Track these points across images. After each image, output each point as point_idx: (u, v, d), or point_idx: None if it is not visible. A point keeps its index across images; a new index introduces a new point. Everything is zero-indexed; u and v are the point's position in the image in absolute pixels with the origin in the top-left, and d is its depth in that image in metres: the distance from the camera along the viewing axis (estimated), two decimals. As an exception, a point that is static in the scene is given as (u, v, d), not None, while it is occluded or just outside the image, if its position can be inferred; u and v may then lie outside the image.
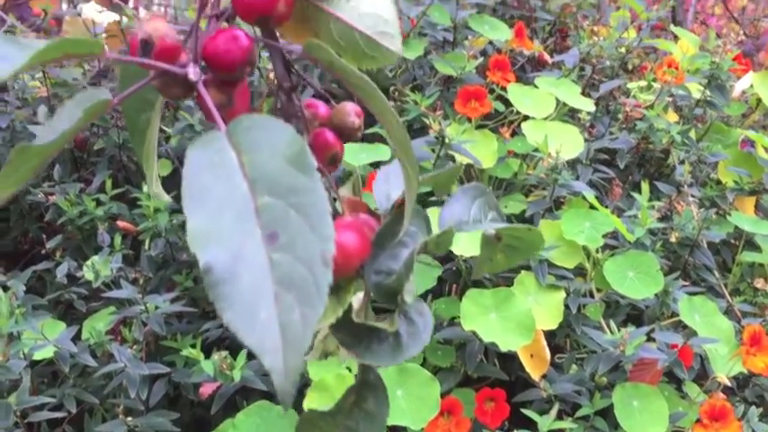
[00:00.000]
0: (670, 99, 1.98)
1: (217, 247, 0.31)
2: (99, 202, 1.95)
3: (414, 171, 0.40)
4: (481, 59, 1.88)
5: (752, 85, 2.32)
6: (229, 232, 0.31)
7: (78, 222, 1.94)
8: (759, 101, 2.39)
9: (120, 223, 1.92)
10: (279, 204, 0.32)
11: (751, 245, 2.00)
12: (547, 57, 2.14)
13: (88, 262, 1.77)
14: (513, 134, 1.87)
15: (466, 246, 1.43)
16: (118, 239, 1.79)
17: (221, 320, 1.55)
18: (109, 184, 1.97)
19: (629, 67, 2.43)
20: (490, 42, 2.06)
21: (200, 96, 0.39)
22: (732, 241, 2.04)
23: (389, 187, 0.49)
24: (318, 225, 0.31)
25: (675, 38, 2.99)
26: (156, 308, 1.57)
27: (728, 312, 1.82)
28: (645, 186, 1.55)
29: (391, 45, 0.40)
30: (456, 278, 1.63)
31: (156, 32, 0.38)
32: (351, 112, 0.46)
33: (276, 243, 0.31)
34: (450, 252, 1.49)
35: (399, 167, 0.49)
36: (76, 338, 1.61)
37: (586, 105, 1.82)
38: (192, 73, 0.38)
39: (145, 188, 2.00)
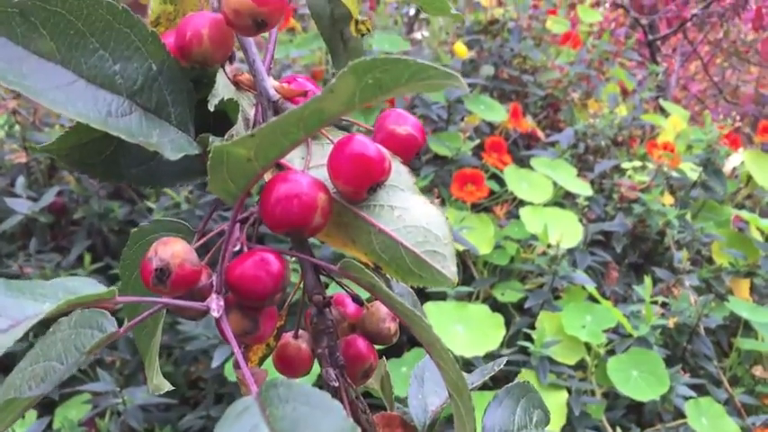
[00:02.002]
0: (665, 180, 1.97)
1: None
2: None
3: (468, 414, 0.35)
4: (477, 141, 1.84)
5: (743, 162, 2.32)
6: None
7: (54, 300, 1.84)
8: (749, 177, 2.39)
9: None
10: None
11: (747, 327, 1.96)
12: (540, 134, 2.12)
13: (64, 345, 1.67)
14: (508, 213, 1.83)
15: (463, 344, 1.37)
16: (96, 319, 1.70)
17: (203, 410, 1.45)
18: (87, 258, 1.89)
19: (619, 139, 2.43)
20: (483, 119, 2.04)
21: (222, 328, 0.33)
22: (728, 324, 2.01)
23: (425, 393, 0.43)
24: None
25: (661, 108, 3.01)
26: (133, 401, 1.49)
27: (729, 403, 1.77)
28: (648, 281, 1.51)
29: (443, 268, 0.35)
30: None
31: (174, 259, 0.33)
32: (386, 317, 0.40)
33: None
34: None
35: (433, 365, 0.44)
36: (48, 429, 1.52)
37: (583, 189, 1.78)
38: (216, 309, 0.32)
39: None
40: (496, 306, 1.65)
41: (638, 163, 2.04)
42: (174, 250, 0.33)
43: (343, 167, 0.35)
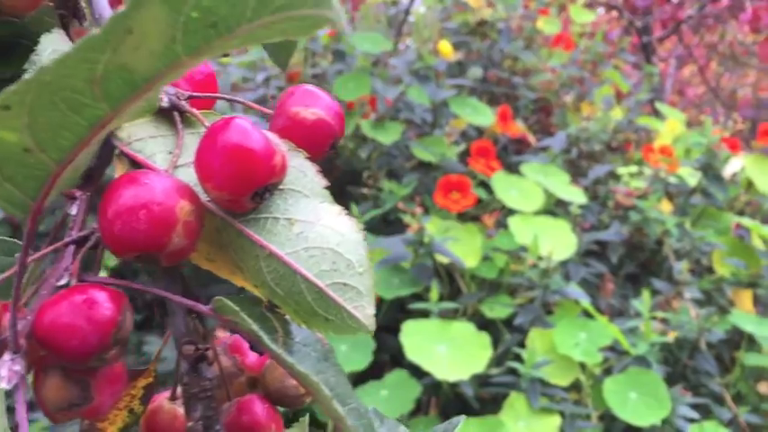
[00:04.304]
0: (662, 186, 1.86)
1: None
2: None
3: None
4: (463, 145, 1.74)
5: (743, 167, 2.22)
6: None
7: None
8: (750, 183, 2.29)
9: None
10: None
11: (751, 341, 1.86)
12: (531, 139, 2.02)
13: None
14: (498, 223, 1.73)
15: (445, 365, 1.26)
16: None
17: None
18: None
19: (614, 144, 2.33)
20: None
21: (17, 405, 0.22)
22: (730, 337, 1.90)
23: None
24: None
25: (656, 111, 2.91)
26: None
27: (733, 423, 1.66)
28: (646, 295, 1.40)
29: (356, 309, 0.24)
30: (435, 391, 1.45)
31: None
32: (297, 370, 0.30)
33: None
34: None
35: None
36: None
37: (577, 196, 1.68)
38: (5, 377, 0.22)
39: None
40: (484, 322, 1.54)
41: (634, 168, 1.94)
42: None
43: (214, 165, 0.24)
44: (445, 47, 1.75)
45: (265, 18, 0.17)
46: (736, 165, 2.19)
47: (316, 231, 0.25)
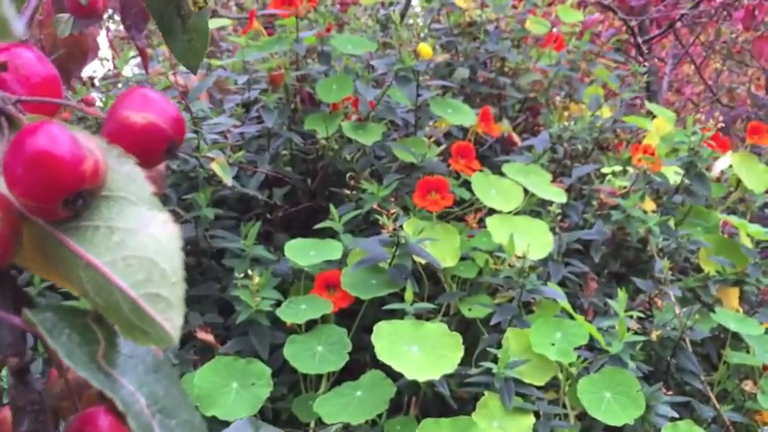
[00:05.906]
0: (647, 185, 1.85)
1: None
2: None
3: None
4: (444, 145, 1.73)
5: (731, 165, 2.21)
6: None
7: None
8: (739, 181, 2.28)
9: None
10: None
11: (737, 338, 1.84)
12: (516, 138, 2.01)
13: None
14: (480, 222, 1.72)
15: (416, 366, 1.25)
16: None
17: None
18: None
19: (604, 143, 2.32)
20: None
21: None
22: (718, 334, 1.89)
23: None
24: None
25: (649, 111, 2.90)
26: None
27: (717, 421, 1.65)
28: (622, 294, 1.39)
29: (164, 320, 0.24)
30: (415, 391, 1.45)
31: None
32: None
33: None
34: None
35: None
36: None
37: (557, 196, 1.67)
38: None
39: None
40: (466, 322, 1.54)
41: (618, 167, 1.93)
42: None
43: (18, 172, 0.24)
44: (425, 48, 1.74)
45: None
46: (724, 163, 2.18)
47: (136, 240, 0.25)
